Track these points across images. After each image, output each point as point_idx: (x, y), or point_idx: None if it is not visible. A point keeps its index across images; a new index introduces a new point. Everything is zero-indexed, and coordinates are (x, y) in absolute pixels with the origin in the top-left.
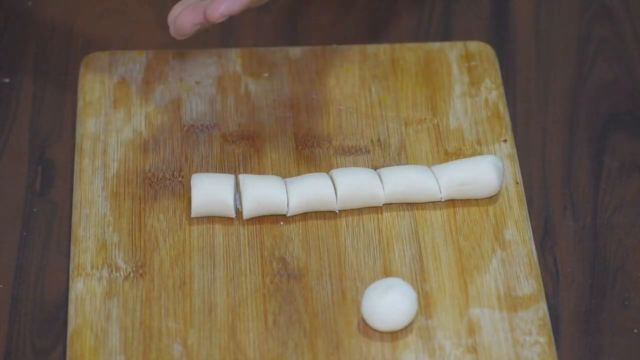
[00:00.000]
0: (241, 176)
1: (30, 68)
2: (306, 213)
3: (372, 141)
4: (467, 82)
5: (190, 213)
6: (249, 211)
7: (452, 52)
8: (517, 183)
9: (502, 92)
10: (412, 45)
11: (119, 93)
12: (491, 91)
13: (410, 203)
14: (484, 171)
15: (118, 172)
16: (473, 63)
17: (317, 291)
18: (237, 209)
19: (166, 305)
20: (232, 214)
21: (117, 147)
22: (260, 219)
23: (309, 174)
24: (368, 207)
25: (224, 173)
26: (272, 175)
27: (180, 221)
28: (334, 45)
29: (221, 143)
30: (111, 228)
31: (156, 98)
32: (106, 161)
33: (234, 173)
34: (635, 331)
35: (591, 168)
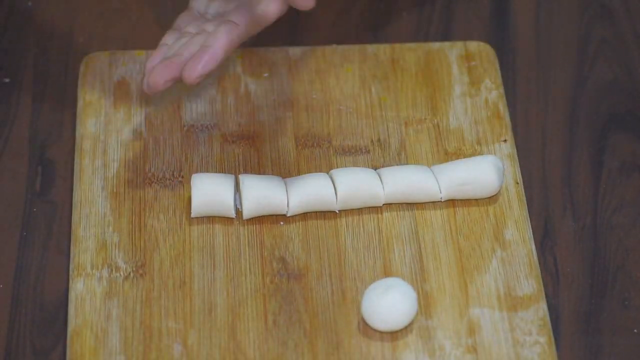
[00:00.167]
0: (241, 176)
1: (30, 68)
2: (306, 213)
3: (372, 141)
4: (467, 82)
5: (190, 213)
6: (249, 211)
7: (452, 52)
8: (517, 183)
9: (502, 92)
10: (412, 45)
11: (119, 93)
12: (491, 91)
13: (410, 203)
14: (484, 171)
15: (118, 172)
16: (473, 63)
17: (317, 291)
18: (237, 209)
19: (166, 305)
20: (232, 214)
21: (117, 147)
22: (260, 219)
23: (309, 174)
24: (368, 207)
25: (224, 173)
26: (272, 175)
27: (180, 221)
28: (334, 45)
29: (221, 143)
30: (111, 228)
31: (156, 98)
32: (106, 161)
33: (234, 173)
34: (635, 331)
35: (591, 168)
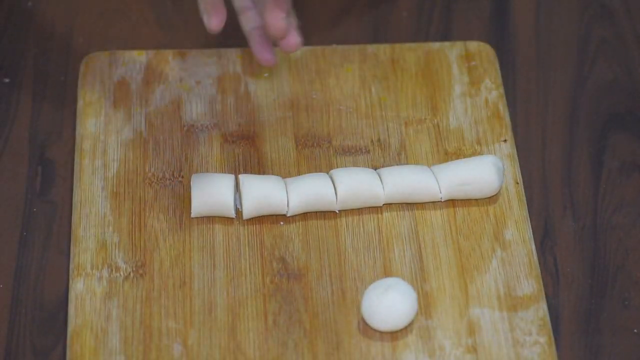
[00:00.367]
0: (241, 176)
1: (30, 68)
2: (306, 213)
3: (372, 141)
4: (467, 82)
5: (190, 213)
6: (249, 211)
7: (452, 52)
8: (517, 183)
9: (502, 92)
10: (412, 45)
11: (119, 93)
12: (491, 91)
13: (410, 203)
14: (484, 171)
15: (118, 172)
16: (473, 63)
17: (317, 291)
18: (237, 209)
19: (166, 305)
20: (232, 214)
21: (117, 147)
22: (260, 219)
23: (309, 174)
24: (368, 207)
25: (224, 173)
26: (272, 175)
27: (180, 221)
28: (334, 45)
29: (221, 143)
30: (111, 228)
31: (156, 98)
32: (106, 161)
33: (234, 173)
34: (635, 331)
35: (591, 168)
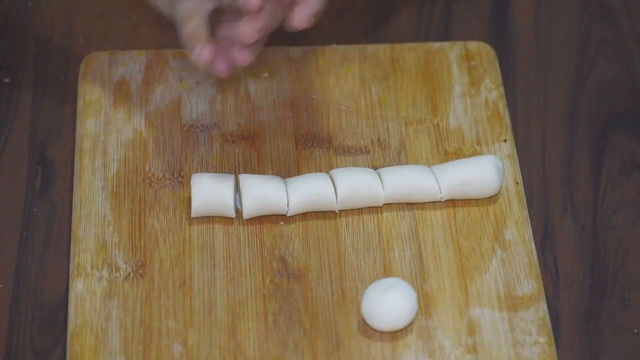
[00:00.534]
0: (241, 176)
1: (30, 68)
2: (306, 213)
3: (372, 141)
4: (467, 82)
5: (190, 213)
6: (249, 211)
7: (452, 52)
8: (517, 183)
9: (502, 92)
10: (412, 45)
11: (119, 93)
12: (491, 91)
13: (410, 203)
14: (484, 171)
15: (118, 172)
16: (473, 63)
17: (317, 291)
18: (237, 209)
19: (166, 305)
20: (232, 214)
21: (117, 147)
22: (260, 219)
23: (309, 174)
24: (368, 207)
25: (224, 173)
26: (272, 175)
27: (180, 221)
28: (334, 45)
29: (221, 143)
30: (111, 228)
31: (156, 98)
32: (106, 161)
33: (234, 173)
34: (635, 331)
35: (591, 168)
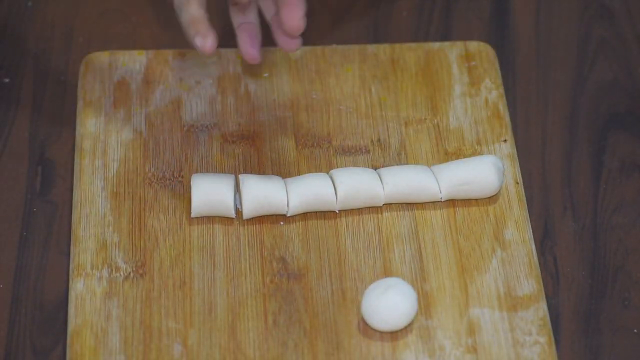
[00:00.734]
0: (241, 176)
1: (30, 68)
2: (306, 213)
3: (372, 141)
4: (467, 82)
5: (190, 213)
6: (249, 211)
7: (452, 52)
8: (517, 183)
9: (502, 92)
10: (412, 45)
11: (119, 93)
12: (491, 91)
13: (410, 203)
14: (484, 171)
15: (118, 172)
16: (473, 63)
17: (317, 291)
18: (237, 209)
19: (166, 305)
20: (232, 214)
21: (117, 147)
22: (260, 219)
23: (309, 174)
24: (368, 207)
25: (224, 173)
26: (272, 175)
27: (180, 221)
28: (334, 45)
29: (221, 143)
30: (111, 228)
31: (156, 98)
32: (106, 161)
33: (234, 173)
34: (635, 331)
35: (591, 168)
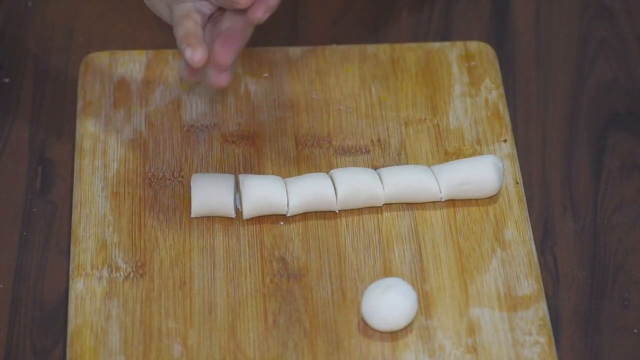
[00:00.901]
0: (241, 176)
1: (30, 68)
2: (306, 213)
3: (372, 141)
4: (467, 82)
5: (190, 213)
6: (249, 211)
7: (452, 52)
8: (517, 183)
9: (502, 92)
10: (412, 45)
11: (119, 93)
12: (491, 91)
13: (410, 203)
14: (484, 171)
15: (118, 172)
16: (473, 63)
17: (317, 291)
18: (237, 209)
19: (166, 305)
20: (232, 214)
21: (117, 147)
22: (260, 219)
23: (309, 174)
24: (368, 207)
25: (224, 173)
26: (272, 175)
27: (180, 221)
28: (334, 45)
29: (221, 143)
30: (111, 228)
31: (156, 98)
32: (106, 161)
33: (234, 173)
34: (635, 331)
35: (591, 168)
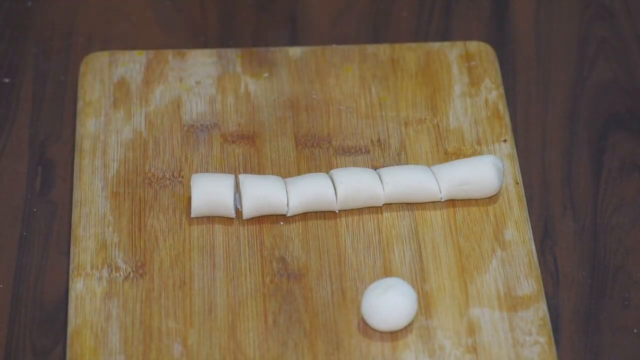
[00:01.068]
0: (241, 176)
1: (30, 68)
2: (306, 213)
3: (372, 141)
4: (467, 82)
5: (190, 213)
6: (249, 211)
7: (452, 52)
8: (517, 183)
9: (502, 92)
10: (412, 45)
11: (119, 93)
12: (491, 91)
13: (410, 203)
14: (484, 171)
15: (118, 172)
16: (473, 63)
17: (317, 291)
18: (237, 209)
19: (166, 305)
20: (232, 214)
21: (117, 147)
22: (260, 219)
23: (309, 174)
24: (368, 207)
25: (224, 173)
26: (272, 175)
27: (180, 221)
28: (334, 45)
29: (221, 143)
30: (111, 228)
31: (156, 98)
32: (106, 161)
33: (234, 173)
34: (635, 331)
35: (591, 168)
